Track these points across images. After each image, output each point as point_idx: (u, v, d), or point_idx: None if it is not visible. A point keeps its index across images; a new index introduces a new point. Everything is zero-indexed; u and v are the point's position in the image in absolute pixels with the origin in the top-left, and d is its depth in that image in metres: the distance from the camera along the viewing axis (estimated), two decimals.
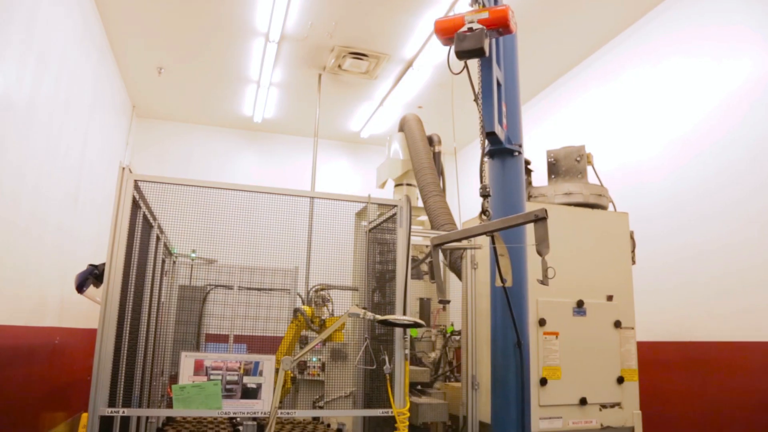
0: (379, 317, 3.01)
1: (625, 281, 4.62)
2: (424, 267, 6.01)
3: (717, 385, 5.19)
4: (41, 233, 5.55)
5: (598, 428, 4.27)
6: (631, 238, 4.81)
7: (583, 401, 4.23)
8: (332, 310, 3.98)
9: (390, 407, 3.39)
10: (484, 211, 2.89)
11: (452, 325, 5.53)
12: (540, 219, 2.56)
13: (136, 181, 3.41)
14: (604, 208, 4.80)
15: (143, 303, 4.23)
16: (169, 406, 3.36)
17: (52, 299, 5.99)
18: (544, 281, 2.72)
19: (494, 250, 2.81)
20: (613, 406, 4.35)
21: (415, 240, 4.52)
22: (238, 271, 5.93)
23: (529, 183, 4.95)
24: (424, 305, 5.76)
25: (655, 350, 5.75)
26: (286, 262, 5.56)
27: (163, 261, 5.34)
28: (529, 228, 2.88)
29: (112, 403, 3.24)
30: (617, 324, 4.47)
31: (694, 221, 5.65)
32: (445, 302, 3.21)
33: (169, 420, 3.78)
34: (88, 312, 6.40)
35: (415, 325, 3.05)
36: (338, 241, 4.39)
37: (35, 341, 5.56)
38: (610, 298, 4.51)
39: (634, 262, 4.79)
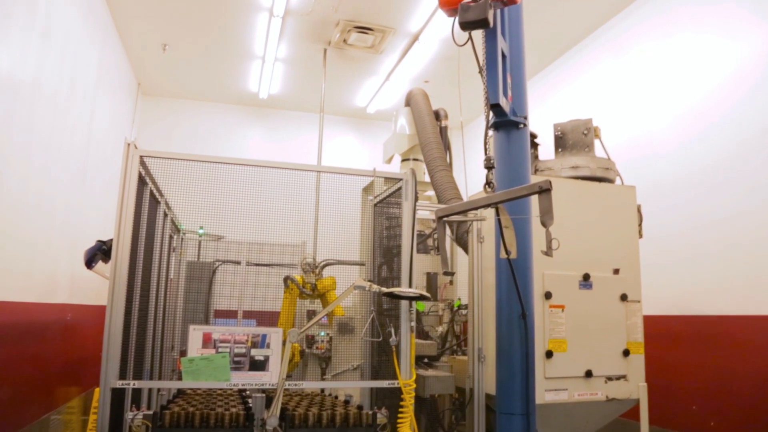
0: (385, 290, 3.02)
1: (631, 255, 4.62)
2: (431, 242, 6.02)
3: (724, 358, 5.20)
4: (50, 211, 5.60)
5: (604, 400, 4.30)
6: (639, 211, 4.79)
7: (588, 373, 4.26)
8: (320, 272, 4.06)
9: (396, 379, 3.42)
10: (488, 183, 2.89)
11: (459, 299, 5.55)
12: (544, 190, 2.55)
13: (141, 156, 3.42)
14: (611, 181, 4.78)
15: (152, 279, 4.27)
16: (180, 379, 3.41)
17: (62, 276, 6.06)
18: (548, 252, 2.72)
19: (499, 222, 2.81)
20: (618, 378, 4.38)
21: (422, 214, 4.52)
22: (246, 247, 5.95)
23: (536, 157, 4.93)
24: (431, 279, 5.78)
25: (661, 324, 5.76)
26: (294, 237, 5.57)
27: (171, 237, 5.37)
28: (535, 200, 2.87)
29: (123, 376, 3.30)
30: (624, 297, 4.48)
31: (702, 194, 5.61)
32: (449, 274, 3.22)
33: (180, 393, 3.84)
34: (99, 289, 6.47)
35: (421, 297, 3.06)
36: (345, 216, 4.40)
37: (48, 318, 5.65)
38: (616, 271, 4.52)
39: (641, 236, 4.78)
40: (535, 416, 3.44)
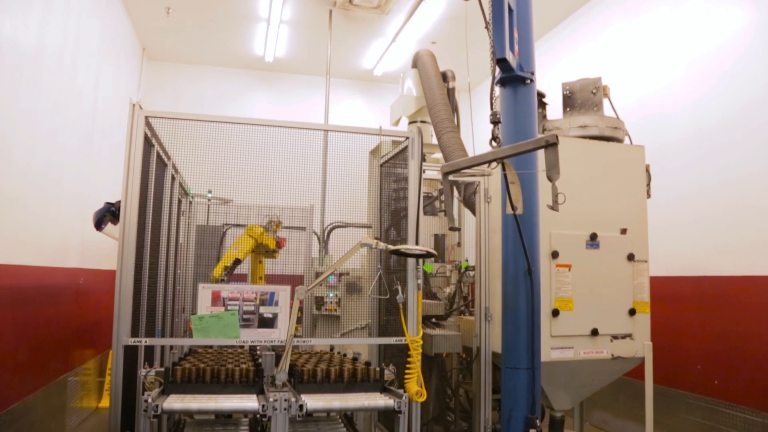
0: (392, 247, 3.04)
1: (639, 214, 4.61)
2: (439, 204, 6.02)
3: (730, 319, 5.21)
4: (59, 177, 5.62)
5: (609, 358, 4.35)
6: (647, 171, 4.76)
7: (594, 332, 4.30)
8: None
9: (403, 336, 3.46)
10: (494, 138, 2.87)
11: (467, 260, 5.58)
12: (551, 144, 2.53)
13: (147, 117, 3.42)
14: (620, 141, 4.74)
15: (161, 240, 4.31)
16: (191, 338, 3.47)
17: (73, 241, 6.12)
18: (554, 207, 2.71)
19: (505, 177, 2.80)
20: (624, 337, 4.42)
21: (430, 174, 4.52)
22: (255, 211, 5.96)
23: (544, 116, 4.88)
24: (439, 241, 5.81)
25: (668, 285, 5.77)
26: (302, 200, 5.59)
27: (180, 201, 5.40)
28: (541, 156, 2.86)
29: (135, 335, 3.36)
30: (630, 257, 4.49)
31: (712, 152, 5.54)
32: (455, 229, 3.23)
33: (191, 352, 3.92)
34: (111, 254, 6.54)
35: (427, 255, 3.08)
36: (353, 179, 4.40)
37: (60, 281, 5.73)
38: (624, 231, 4.51)
39: (649, 196, 4.76)
40: (540, 371, 3.49)
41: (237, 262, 4.00)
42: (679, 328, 5.69)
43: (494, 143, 2.87)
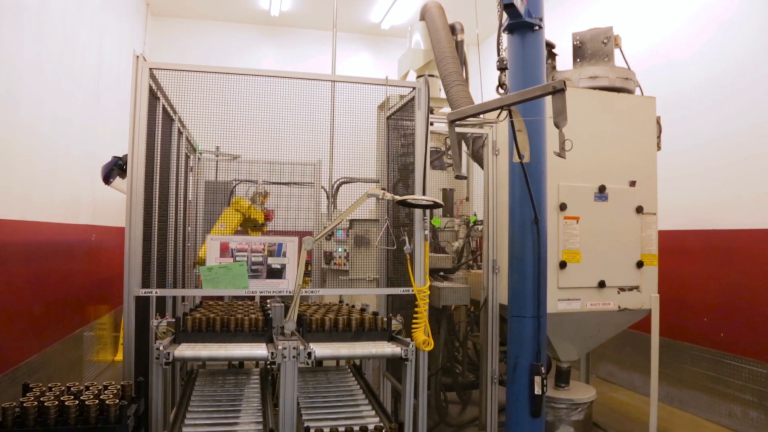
0: (398, 197, 3.04)
1: (649, 167, 4.57)
2: (447, 158, 5.98)
3: (737, 272, 5.21)
4: (67, 132, 5.63)
5: (616, 310, 4.38)
6: (658, 123, 4.69)
7: (601, 284, 4.32)
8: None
9: (411, 286, 3.49)
10: (501, 85, 2.82)
11: (475, 215, 5.58)
12: (558, 90, 2.48)
13: (151, 69, 3.38)
14: (630, 92, 4.66)
15: (169, 195, 4.33)
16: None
17: (84, 198, 6.16)
18: (560, 154, 2.69)
19: (512, 124, 2.77)
20: (631, 289, 4.44)
21: (438, 127, 4.47)
22: (266, 167, 5.95)
23: (553, 68, 4.79)
24: (447, 195, 5.80)
25: (677, 239, 5.76)
26: (309, 155, 5.57)
27: (188, 157, 5.40)
28: (549, 105, 2.81)
29: (146, 287, 3.41)
30: (639, 209, 4.47)
31: (723, 100, 5.44)
32: (462, 178, 3.21)
33: (202, 304, 3.98)
34: (122, 212, 6.59)
35: (434, 205, 3.08)
36: (360, 134, 4.37)
37: (73, 238, 5.80)
38: (633, 183, 4.48)
39: (659, 148, 4.70)
40: (546, 320, 3.52)
41: None
42: (686, 281, 5.70)
43: (501, 90, 2.83)
